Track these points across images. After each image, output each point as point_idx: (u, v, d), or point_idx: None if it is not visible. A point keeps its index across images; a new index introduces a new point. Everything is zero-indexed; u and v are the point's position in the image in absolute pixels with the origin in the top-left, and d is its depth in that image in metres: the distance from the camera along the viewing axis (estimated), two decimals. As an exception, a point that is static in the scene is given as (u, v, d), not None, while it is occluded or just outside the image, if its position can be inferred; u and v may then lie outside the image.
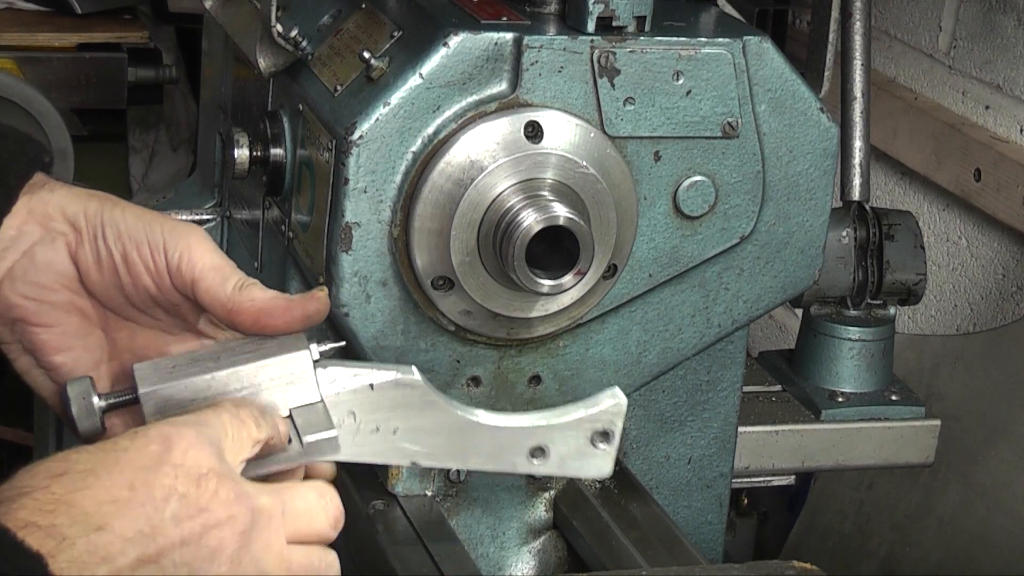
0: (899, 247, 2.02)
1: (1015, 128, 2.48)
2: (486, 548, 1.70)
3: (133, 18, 3.12)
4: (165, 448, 1.13)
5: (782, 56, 1.62)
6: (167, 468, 1.13)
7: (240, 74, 1.91)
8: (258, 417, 1.22)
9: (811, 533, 2.67)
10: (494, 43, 1.53)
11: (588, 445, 1.38)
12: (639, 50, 1.55)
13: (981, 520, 2.34)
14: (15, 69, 2.93)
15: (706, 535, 1.85)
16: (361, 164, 1.52)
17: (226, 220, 2.01)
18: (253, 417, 1.22)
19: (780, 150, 1.64)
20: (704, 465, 1.82)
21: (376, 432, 1.33)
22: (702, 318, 1.68)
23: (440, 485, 1.66)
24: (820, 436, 1.98)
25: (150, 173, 3.40)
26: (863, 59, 2.08)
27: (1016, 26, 2.47)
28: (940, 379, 2.46)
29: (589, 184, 1.53)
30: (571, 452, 1.37)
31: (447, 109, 1.52)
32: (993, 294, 2.55)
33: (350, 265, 1.55)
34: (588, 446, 1.38)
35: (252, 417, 1.22)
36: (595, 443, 1.38)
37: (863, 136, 2.08)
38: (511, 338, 1.61)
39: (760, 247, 1.67)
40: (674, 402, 1.78)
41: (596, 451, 1.38)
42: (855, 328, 2.02)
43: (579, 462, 1.38)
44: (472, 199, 1.51)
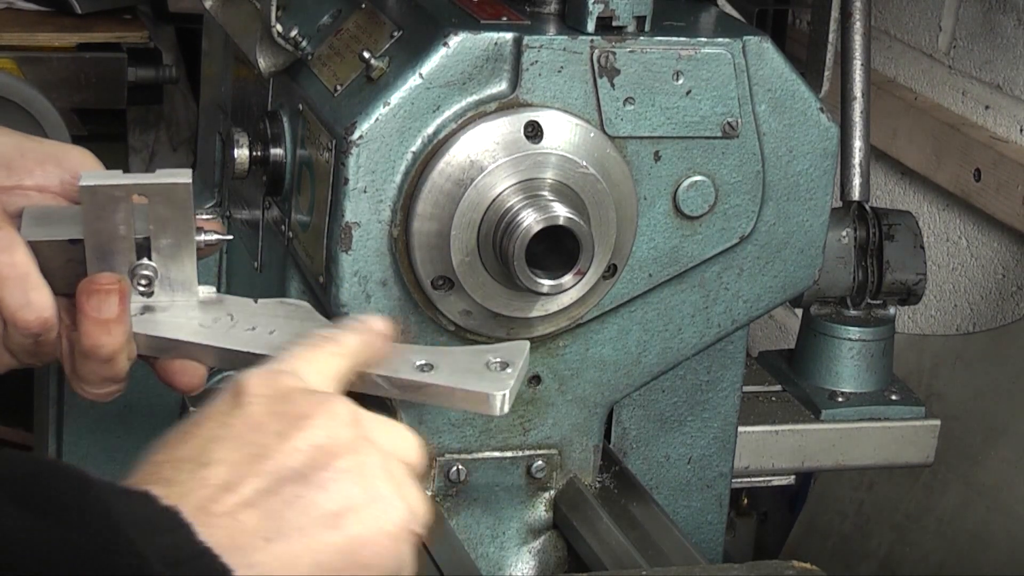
0: (899, 247, 2.02)
1: (1015, 128, 2.48)
2: (486, 548, 1.70)
3: (133, 18, 3.12)
4: (236, 391, 1.13)
5: (782, 56, 1.62)
6: (249, 399, 1.12)
7: (240, 74, 1.91)
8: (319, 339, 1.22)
9: (811, 533, 2.67)
10: (494, 43, 1.53)
11: (483, 368, 1.33)
12: (639, 50, 1.55)
13: (981, 520, 2.34)
14: (15, 69, 2.93)
15: (706, 535, 1.85)
16: (361, 164, 1.52)
17: (226, 220, 2.01)
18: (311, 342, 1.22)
19: (780, 150, 1.64)
20: (704, 465, 1.82)
21: (252, 331, 1.36)
22: (702, 318, 1.68)
23: (440, 485, 1.66)
24: (820, 436, 1.98)
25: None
26: (863, 59, 2.08)
27: (1016, 26, 2.47)
28: (940, 379, 2.46)
29: (589, 184, 1.53)
30: (461, 370, 1.33)
31: (447, 109, 1.52)
32: (993, 294, 2.55)
33: (350, 265, 1.55)
34: (483, 368, 1.33)
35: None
36: (490, 367, 1.33)
37: (863, 136, 2.08)
38: (511, 338, 1.61)
39: (760, 247, 1.67)
40: (674, 402, 1.78)
41: (490, 372, 1.33)
42: (855, 328, 2.02)
43: (471, 379, 1.32)
44: (472, 199, 1.51)
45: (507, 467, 1.67)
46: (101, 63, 3.02)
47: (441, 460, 1.65)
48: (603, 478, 1.72)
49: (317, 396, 1.15)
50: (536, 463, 1.68)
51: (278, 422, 1.10)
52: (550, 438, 1.68)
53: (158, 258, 1.40)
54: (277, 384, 1.14)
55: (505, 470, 1.67)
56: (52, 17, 3.08)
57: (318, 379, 1.19)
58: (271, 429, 1.10)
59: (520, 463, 1.68)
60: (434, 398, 1.33)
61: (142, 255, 1.39)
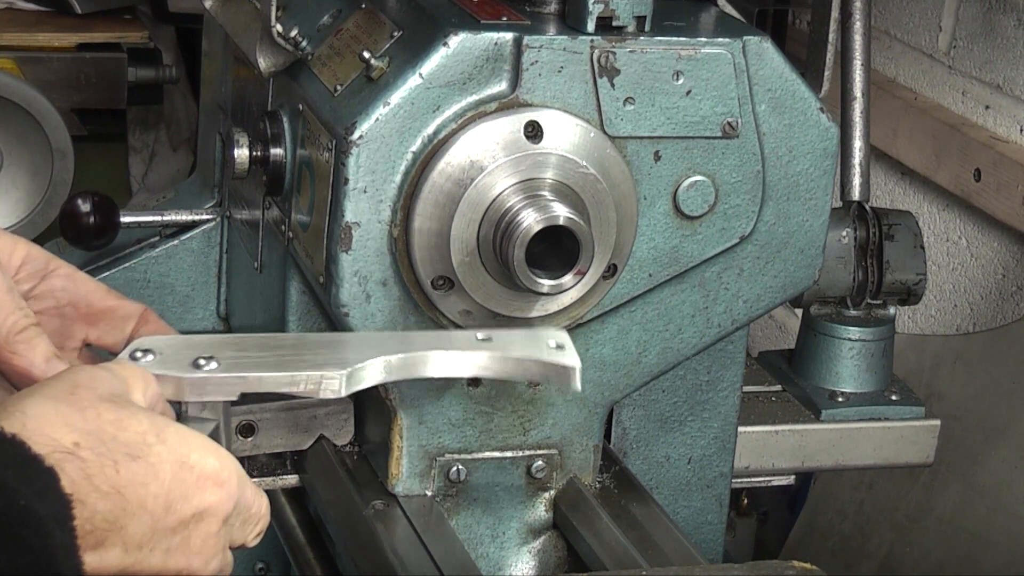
0: (899, 247, 2.02)
1: (1015, 128, 2.48)
2: (486, 548, 1.70)
3: (133, 18, 3.13)
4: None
5: (782, 56, 1.62)
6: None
7: (240, 74, 1.91)
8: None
9: (811, 533, 2.67)
10: (494, 43, 1.53)
11: (544, 346, 1.38)
12: (639, 50, 1.55)
13: (981, 520, 2.34)
14: (15, 69, 2.94)
15: (706, 535, 1.85)
16: (361, 164, 1.52)
17: (226, 220, 2.01)
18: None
19: (780, 150, 1.64)
20: (704, 465, 1.82)
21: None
22: (702, 318, 1.68)
23: (440, 485, 1.66)
24: (820, 436, 1.98)
25: (150, 173, 3.40)
26: (863, 59, 2.08)
27: (1016, 26, 2.47)
28: (940, 379, 2.46)
29: (589, 184, 1.53)
30: (524, 346, 1.37)
31: (447, 109, 1.52)
32: (993, 294, 2.55)
33: (350, 265, 1.55)
34: (544, 347, 1.38)
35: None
36: (549, 346, 1.38)
37: (863, 136, 2.08)
38: (511, 338, 1.61)
39: (760, 247, 1.67)
40: (674, 402, 1.78)
41: (553, 350, 1.37)
42: (855, 328, 2.02)
43: (543, 353, 1.37)
44: (472, 199, 1.51)
45: (507, 467, 1.67)
46: (101, 63, 3.03)
47: (441, 460, 1.65)
48: (603, 478, 1.72)
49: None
50: (536, 463, 1.68)
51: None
52: (550, 438, 1.68)
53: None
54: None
55: (505, 470, 1.67)
56: (52, 17, 3.08)
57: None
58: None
59: (520, 463, 1.68)
60: (514, 372, 1.37)
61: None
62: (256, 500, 1.21)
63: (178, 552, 1.13)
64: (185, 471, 1.13)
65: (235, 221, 1.98)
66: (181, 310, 2.03)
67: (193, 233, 2.02)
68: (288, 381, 1.27)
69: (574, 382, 1.37)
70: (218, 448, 1.17)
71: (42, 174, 2.85)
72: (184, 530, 1.13)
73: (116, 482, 1.09)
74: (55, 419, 1.09)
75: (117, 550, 1.10)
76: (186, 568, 1.14)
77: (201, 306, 2.04)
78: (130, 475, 1.10)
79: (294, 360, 1.28)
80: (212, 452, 1.15)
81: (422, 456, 1.65)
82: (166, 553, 1.13)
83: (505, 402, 1.64)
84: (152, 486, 1.11)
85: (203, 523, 1.15)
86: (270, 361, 1.27)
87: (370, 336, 1.36)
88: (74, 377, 1.15)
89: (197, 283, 2.03)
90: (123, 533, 1.10)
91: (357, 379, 1.29)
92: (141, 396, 1.19)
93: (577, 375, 1.37)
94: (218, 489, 1.15)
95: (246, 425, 1.64)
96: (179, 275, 2.02)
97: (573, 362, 1.37)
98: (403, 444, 1.64)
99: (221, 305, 2.04)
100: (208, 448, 1.15)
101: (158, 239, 2.03)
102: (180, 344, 1.27)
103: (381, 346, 1.32)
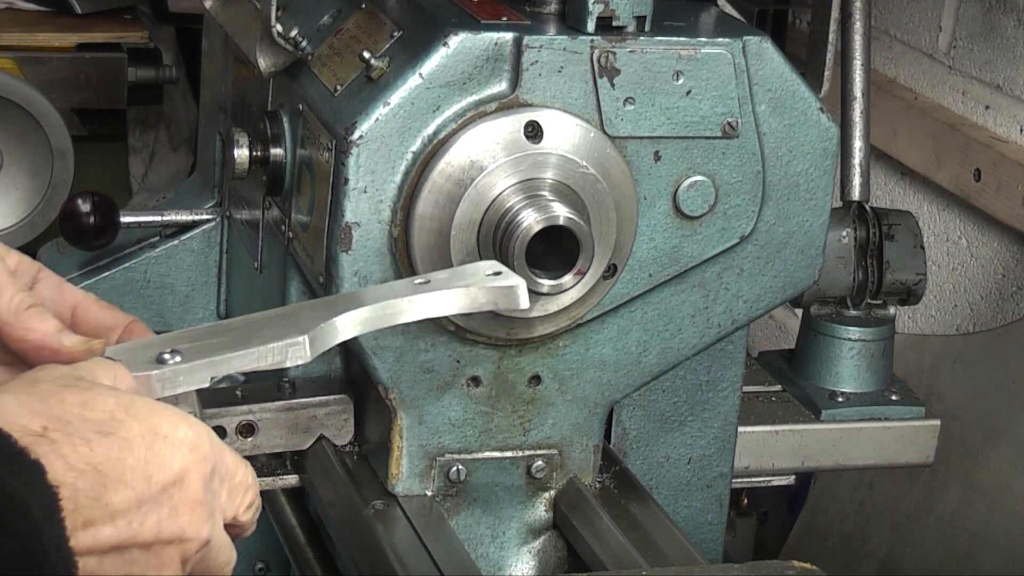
0: (899, 247, 2.02)
1: (1015, 128, 2.48)
2: (486, 548, 1.70)
3: (133, 18, 3.13)
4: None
5: (782, 56, 1.62)
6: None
7: (240, 74, 1.91)
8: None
9: (811, 533, 2.67)
10: (494, 43, 1.53)
11: (482, 276, 1.37)
12: (639, 50, 1.55)
13: (981, 520, 2.34)
14: (15, 69, 2.94)
15: (706, 535, 1.85)
16: (361, 164, 1.52)
17: (226, 220, 2.01)
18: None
19: (780, 150, 1.64)
20: (704, 465, 1.82)
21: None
22: (702, 318, 1.68)
23: (440, 485, 1.66)
24: (820, 436, 1.98)
25: (150, 173, 3.40)
26: (863, 59, 2.08)
27: (1016, 26, 2.47)
28: (940, 379, 2.46)
29: (589, 184, 1.53)
30: (462, 279, 1.37)
31: (447, 109, 1.52)
32: (993, 294, 2.55)
33: (350, 265, 1.55)
34: (483, 277, 1.37)
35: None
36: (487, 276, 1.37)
37: (863, 136, 2.08)
38: (511, 338, 1.61)
39: (760, 247, 1.67)
40: (674, 402, 1.78)
41: (493, 277, 1.37)
42: (855, 328, 2.02)
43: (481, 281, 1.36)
44: (472, 199, 1.51)
45: (507, 467, 1.67)
46: (101, 63, 3.03)
47: (441, 460, 1.65)
48: (603, 478, 1.72)
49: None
50: (536, 463, 1.68)
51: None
52: (550, 438, 1.68)
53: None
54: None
55: (505, 470, 1.67)
56: (52, 17, 3.08)
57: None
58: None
59: (520, 463, 1.68)
60: (458, 303, 1.36)
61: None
62: (239, 468, 1.22)
63: (169, 520, 1.14)
64: (159, 441, 1.13)
65: (235, 221, 1.98)
66: (181, 310, 2.03)
67: (193, 233, 2.02)
68: (255, 356, 1.27)
69: (521, 300, 1.36)
70: (189, 417, 1.17)
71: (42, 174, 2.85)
72: (169, 499, 1.14)
73: (91, 459, 1.09)
74: (18, 409, 1.10)
75: (107, 527, 1.10)
76: (180, 534, 1.14)
77: (201, 306, 2.04)
78: (104, 451, 1.10)
79: (253, 337, 1.28)
80: (183, 421, 1.16)
81: (422, 456, 1.65)
82: (158, 523, 1.13)
83: (505, 402, 1.65)
84: (128, 459, 1.11)
85: (186, 488, 1.15)
86: (229, 342, 1.28)
87: (315, 303, 1.35)
88: (34, 374, 1.16)
89: (197, 283, 2.03)
90: (109, 508, 1.10)
91: (321, 341, 1.30)
92: (109, 382, 1.19)
93: (523, 292, 1.36)
94: (192, 453, 1.15)
95: (246, 425, 1.64)
96: (179, 275, 2.02)
97: (515, 281, 1.37)
98: (403, 444, 1.64)
99: (221, 305, 2.04)
100: (179, 417, 1.16)
101: (158, 239, 2.03)
102: (138, 347, 1.28)
103: (331, 308, 1.32)
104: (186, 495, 1.15)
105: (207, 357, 1.26)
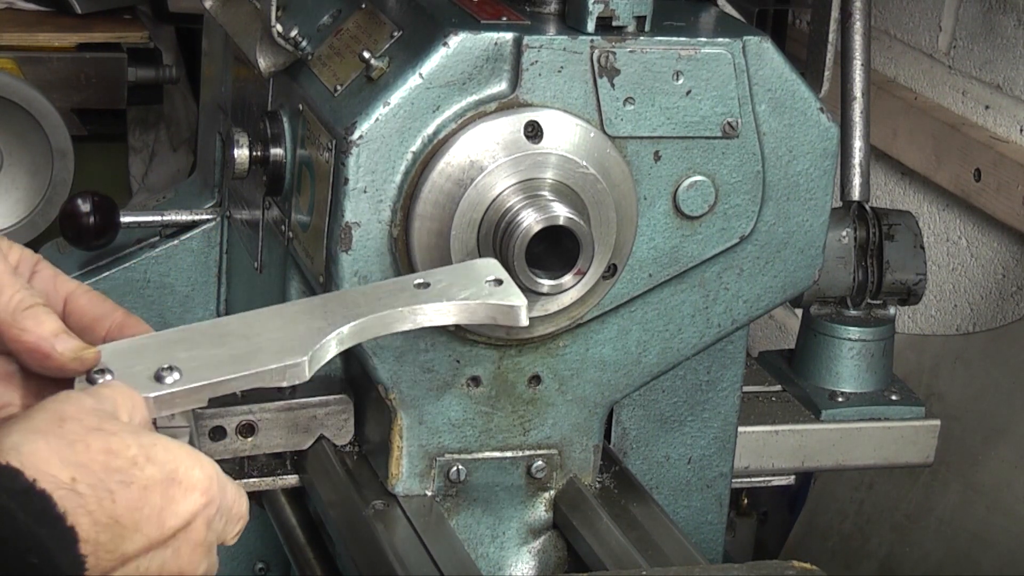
0: (899, 247, 2.02)
1: (1015, 128, 2.48)
2: (486, 548, 1.70)
3: (133, 18, 3.13)
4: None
5: (782, 56, 1.62)
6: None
7: (240, 74, 1.91)
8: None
9: (811, 533, 2.67)
10: (494, 43, 1.53)
11: (483, 284, 1.35)
12: (639, 50, 1.55)
13: (981, 520, 2.34)
14: (15, 69, 2.94)
15: (706, 535, 1.85)
16: (361, 164, 1.52)
17: (226, 220, 2.01)
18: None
19: (780, 150, 1.64)
20: (704, 465, 1.82)
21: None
22: (702, 318, 1.68)
23: (440, 485, 1.66)
24: (820, 436, 1.98)
25: (150, 173, 3.40)
26: (863, 59, 2.08)
27: (1016, 26, 2.47)
28: (940, 379, 2.46)
29: (589, 184, 1.53)
30: (462, 286, 1.35)
31: (447, 109, 1.52)
32: (993, 294, 2.55)
33: (350, 265, 1.55)
34: (483, 284, 1.35)
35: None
36: (487, 283, 1.35)
37: (863, 136, 2.08)
38: (511, 338, 1.61)
39: (760, 247, 1.67)
40: (674, 402, 1.78)
41: (494, 287, 1.35)
42: (855, 328, 2.02)
43: (483, 295, 1.34)
44: (472, 199, 1.51)
45: (507, 467, 1.67)
46: (101, 63, 3.03)
47: (441, 460, 1.65)
48: (603, 478, 1.72)
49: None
50: (536, 463, 1.68)
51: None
52: (550, 438, 1.68)
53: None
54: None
55: (505, 470, 1.67)
56: (52, 17, 3.08)
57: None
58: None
59: (520, 463, 1.68)
60: (456, 316, 1.34)
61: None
62: (237, 500, 1.24)
63: (172, 560, 1.16)
64: (173, 487, 1.16)
65: (235, 221, 1.98)
66: (181, 310, 2.03)
67: (193, 233, 2.02)
68: (254, 378, 1.27)
69: (521, 319, 1.35)
70: (199, 456, 1.19)
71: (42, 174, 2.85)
72: (175, 541, 1.16)
73: (113, 512, 1.12)
74: (48, 455, 1.11)
75: (117, 572, 1.13)
76: (179, 572, 1.17)
77: (201, 306, 2.04)
78: (125, 503, 1.13)
79: (252, 352, 1.28)
80: (196, 463, 1.18)
81: (422, 456, 1.65)
82: (162, 564, 1.16)
83: (505, 402, 1.65)
84: (145, 509, 1.14)
85: (191, 531, 1.17)
86: (225, 357, 1.28)
87: (311, 303, 1.35)
88: (61, 408, 1.16)
89: (197, 283, 2.03)
90: (123, 556, 1.13)
91: (317, 359, 1.30)
92: (127, 416, 1.21)
93: (523, 312, 1.35)
94: (202, 497, 1.18)
95: (246, 425, 1.64)
96: (179, 275, 2.02)
97: (518, 301, 1.35)
98: (403, 444, 1.64)
99: (221, 305, 2.04)
100: (192, 459, 1.18)
101: (158, 239, 2.03)
102: (134, 351, 1.28)
103: (327, 315, 1.32)
104: (190, 537, 1.17)
105: (206, 379, 1.26)
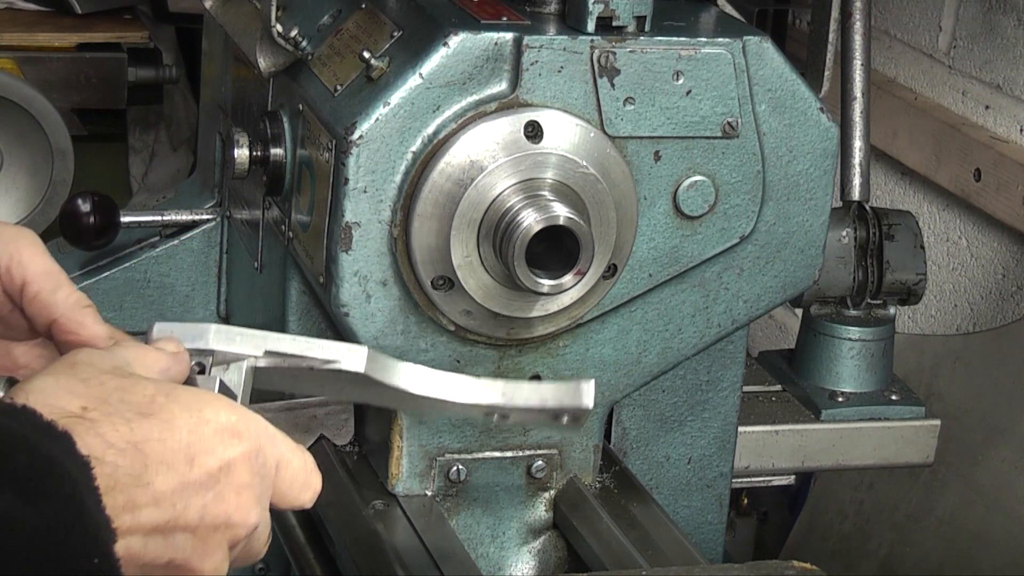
0: (899, 247, 2.02)
1: (1015, 128, 2.48)
2: (486, 548, 1.70)
3: (133, 18, 3.12)
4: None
5: (782, 56, 1.62)
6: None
7: (240, 74, 1.91)
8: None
9: (811, 533, 2.67)
10: (494, 43, 1.53)
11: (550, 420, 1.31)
12: (639, 50, 1.55)
13: (981, 520, 2.34)
14: (15, 69, 2.93)
15: (706, 535, 1.85)
16: (361, 164, 1.52)
17: (226, 220, 2.01)
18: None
19: (780, 150, 1.64)
20: (704, 465, 1.82)
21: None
22: (702, 318, 1.68)
23: (440, 485, 1.66)
24: (820, 436, 1.98)
25: (150, 173, 3.40)
26: (863, 59, 2.08)
27: (1016, 26, 2.47)
28: (940, 379, 2.46)
29: (589, 184, 1.53)
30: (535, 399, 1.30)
31: (447, 109, 1.52)
32: (993, 294, 2.55)
33: (350, 265, 1.55)
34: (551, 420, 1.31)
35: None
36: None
37: (863, 136, 2.08)
38: (511, 338, 1.61)
39: (760, 247, 1.67)
40: (674, 402, 1.78)
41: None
42: (855, 328, 2.02)
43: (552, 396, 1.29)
44: (472, 199, 1.51)
45: (507, 467, 1.67)
46: (101, 63, 3.03)
47: (441, 460, 1.65)
48: (603, 478, 1.72)
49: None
50: (536, 463, 1.68)
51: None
52: (550, 438, 1.68)
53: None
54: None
55: (505, 470, 1.67)
56: (52, 17, 3.08)
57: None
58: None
59: (520, 463, 1.68)
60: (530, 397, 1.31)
61: None
62: (295, 455, 1.19)
63: (214, 504, 1.11)
64: (202, 425, 1.11)
65: (235, 221, 1.98)
66: (181, 310, 2.03)
67: (193, 233, 2.02)
68: (308, 345, 1.24)
69: (586, 399, 1.30)
70: (232, 403, 1.15)
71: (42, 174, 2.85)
72: (215, 484, 1.11)
73: (131, 438, 1.07)
74: (57, 390, 1.09)
75: (149, 508, 1.08)
76: (226, 520, 1.12)
77: (201, 306, 2.04)
78: (144, 431, 1.08)
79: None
80: (225, 407, 1.14)
81: (422, 456, 1.65)
82: (203, 507, 1.11)
83: (505, 402, 1.64)
84: (169, 441, 1.09)
85: (232, 474, 1.12)
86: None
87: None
88: (72, 357, 1.15)
89: (197, 283, 2.03)
90: (151, 489, 1.08)
91: (376, 366, 1.26)
92: (144, 371, 1.18)
93: (588, 389, 1.30)
94: (235, 439, 1.13)
95: (246, 425, 1.64)
96: (179, 275, 2.02)
97: (588, 402, 1.29)
98: (403, 444, 1.64)
99: (221, 305, 2.04)
100: (221, 403, 1.14)
101: (158, 239, 2.03)
102: (187, 326, 1.26)
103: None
104: (232, 480, 1.12)
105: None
